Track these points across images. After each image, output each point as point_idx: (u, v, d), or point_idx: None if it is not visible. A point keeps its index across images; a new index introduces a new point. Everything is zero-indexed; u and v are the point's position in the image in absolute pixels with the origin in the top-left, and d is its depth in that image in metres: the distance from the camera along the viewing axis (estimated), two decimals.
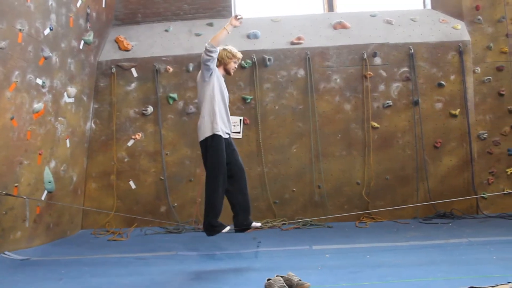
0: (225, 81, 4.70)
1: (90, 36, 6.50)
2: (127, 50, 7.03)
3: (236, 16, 4.56)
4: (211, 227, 4.62)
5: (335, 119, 6.84)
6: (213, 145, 4.49)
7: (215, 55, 4.46)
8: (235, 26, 4.59)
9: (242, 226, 4.71)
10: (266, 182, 6.73)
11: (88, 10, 6.36)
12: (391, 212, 6.65)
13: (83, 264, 4.87)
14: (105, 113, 6.94)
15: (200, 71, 4.62)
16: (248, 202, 4.76)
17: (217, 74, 4.60)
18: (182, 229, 6.49)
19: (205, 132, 4.52)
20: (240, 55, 4.79)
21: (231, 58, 4.70)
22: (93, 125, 6.91)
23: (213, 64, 4.49)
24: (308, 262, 4.62)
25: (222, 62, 4.68)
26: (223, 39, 4.52)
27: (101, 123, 6.93)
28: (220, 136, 4.50)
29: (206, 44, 4.42)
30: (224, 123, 4.59)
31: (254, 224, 4.80)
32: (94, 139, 6.90)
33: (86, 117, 6.76)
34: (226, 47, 4.73)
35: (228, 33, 4.51)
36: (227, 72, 4.76)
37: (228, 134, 4.66)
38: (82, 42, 6.38)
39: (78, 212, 6.69)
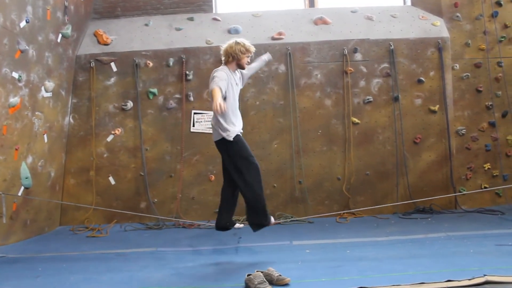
0: None
1: (68, 30, 6.39)
2: (106, 44, 6.93)
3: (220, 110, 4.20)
4: (267, 220, 4.67)
5: (316, 114, 6.85)
6: (234, 142, 4.51)
7: None
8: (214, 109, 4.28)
9: (225, 225, 4.74)
10: None
11: (66, 3, 6.24)
12: (372, 208, 6.70)
13: (61, 261, 4.79)
14: (84, 108, 6.83)
15: (211, 78, 4.53)
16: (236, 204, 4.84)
17: (227, 75, 4.52)
18: (162, 225, 6.45)
19: (220, 134, 4.53)
20: (253, 49, 4.69)
21: (244, 53, 4.60)
22: (71, 120, 6.80)
23: None
24: (288, 257, 4.62)
25: (235, 58, 4.59)
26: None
27: (80, 118, 6.82)
28: (238, 134, 4.57)
29: (210, 88, 4.38)
30: (237, 122, 4.62)
31: (237, 225, 4.87)
32: (73, 134, 6.80)
33: (64, 112, 6.65)
34: (239, 41, 4.61)
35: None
36: (240, 67, 4.69)
37: (240, 132, 4.69)
38: (60, 35, 6.26)
39: (56, 208, 6.59)
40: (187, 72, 6.79)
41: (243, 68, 4.72)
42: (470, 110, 7.08)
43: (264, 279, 3.66)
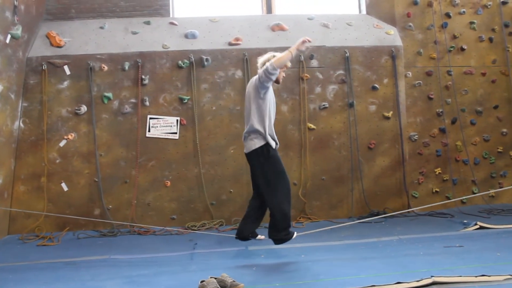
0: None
1: (18, 30, 6.18)
2: (59, 47, 6.74)
3: (304, 40, 4.48)
4: (289, 235, 4.71)
5: None
6: (271, 155, 4.58)
7: (275, 77, 4.52)
8: (300, 50, 4.55)
9: (247, 236, 4.87)
10: (203, 183, 6.67)
11: (15, 2, 6.02)
12: (327, 212, 6.80)
13: (6, 271, 4.58)
14: (35, 112, 6.61)
15: (254, 86, 4.61)
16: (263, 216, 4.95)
17: (270, 88, 4.65)
18: (117, 232, 6.31)
19: (256, 143, 4.57)
20: (289, 64, 4.79)
21: (281, 68, 4.69)
22: (21, 125, 6.57)
23: (271, 84, 4.56)
24: (243, 263, 4.62)
25: None
26: (286, 62, 4.52)
27: (31, 123, 6.60)
28: (272, 147, 4.61)
29: (268, 65, 4.42)
30: (275, 137, 4.71)
31: (259, 236, 4.97)
32: (23, 139, 6.56)
33: (14, 116, 6.42)
34: (276, 55, 4.70)
35: (293, 56, 4.48)
36: (276, 80, 4.76)
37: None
38: (9, 36, 6.02)
39: (5, 216, 6.32)
40: (143, 77, 6.70)
41: (278, 82, 4.87)
42: (422, 117, 7.30)
43: (218, 285, 3.64)
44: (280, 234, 4.68)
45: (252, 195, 4.95)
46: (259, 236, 4.95)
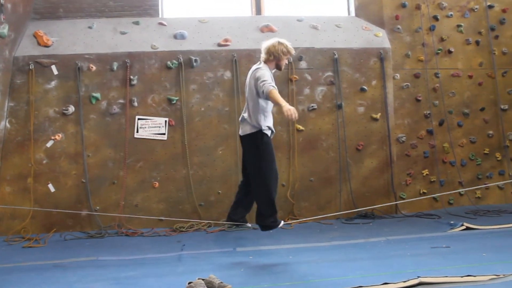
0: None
1: (4, 29, 6.11)
2: (47, 46, 6.68)
3: (291, 116, 4.29)
4: (276, 222, 4.71)
5: None
6: (264, 142, 4.58)
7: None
8: (287, 115, 4.30)
9: (237, 220, 4.87)
10: (191, 184, 6.65)
11: (2, 1, 5.96)
12: (315, 213, 6.81)
13: None
14: (21, 112, 6.54)
15: (254, 80, 4.55)
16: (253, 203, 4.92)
17: (270, 74, 4.62)
18: (105, 234, 6.26)
19: (254, 127, 4.58)
20: (294, 51, 4.79)
21: (285, 54, 4.67)
22: (8, 125, 6.50)
23: None
24: (231, 264, 4.62)
25: (276, 57, 4.64)
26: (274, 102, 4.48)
27: (17, 123, 6.53)
28: (267, 135, 4.62)
29: (266, 91, 4.35)
30: (271, 127, 4.73)
31: (248, 224, 4.98)
32: (9, 140, 6.49)
33: (0, 116, 6.35)
34: (282, 41, 4.68)
35: (282, 106, 4.36)
36: (278, 67, 4.75)
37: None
38: None
39: None
40: (132, 77, 6.67)
41: (280, 69, 4.85)
42: (409, 118, 7.35)
43: (205, 287, 3.63)
44: (267, 221, 4.67)
45: (242, 180, 4.93)
46: (247, 224, 4.95)
